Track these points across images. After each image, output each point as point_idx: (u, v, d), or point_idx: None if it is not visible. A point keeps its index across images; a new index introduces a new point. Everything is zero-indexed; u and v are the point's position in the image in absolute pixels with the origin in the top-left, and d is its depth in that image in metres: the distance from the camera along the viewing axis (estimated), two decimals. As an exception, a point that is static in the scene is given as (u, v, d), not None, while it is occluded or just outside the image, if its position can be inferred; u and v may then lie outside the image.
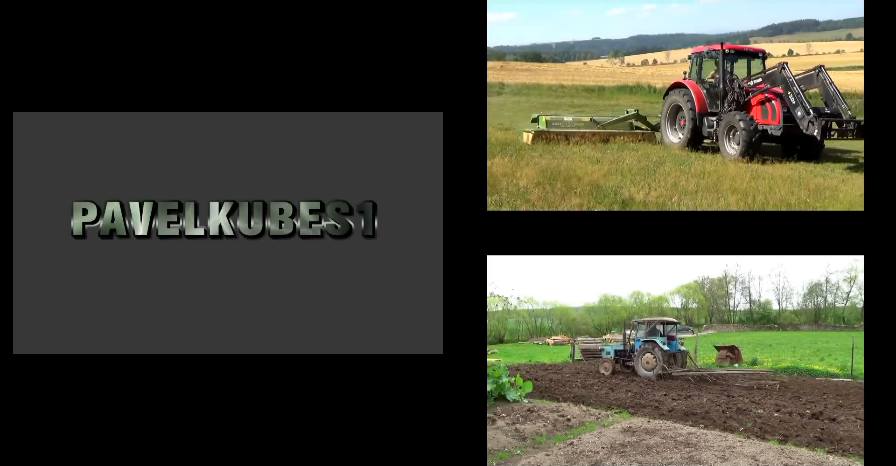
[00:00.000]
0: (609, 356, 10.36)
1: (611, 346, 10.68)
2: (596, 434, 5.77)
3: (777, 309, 19.31)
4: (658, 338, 9.93)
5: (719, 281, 19.46)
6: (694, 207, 6.13)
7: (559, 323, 17.09)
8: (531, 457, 4.95)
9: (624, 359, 10.21)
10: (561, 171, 7.53)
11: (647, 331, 10.16)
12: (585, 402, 7.51)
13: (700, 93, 10.01)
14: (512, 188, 6.59)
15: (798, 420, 6.35)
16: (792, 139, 9.01)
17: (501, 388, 7.26)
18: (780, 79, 9.14)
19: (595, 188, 6.80)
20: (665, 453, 5.01)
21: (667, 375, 9.49)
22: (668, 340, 9.96)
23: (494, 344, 12.55)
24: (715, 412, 6.76)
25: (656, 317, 10.75)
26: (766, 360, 11.83)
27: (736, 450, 5.09)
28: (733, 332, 17.93)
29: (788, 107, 8.90)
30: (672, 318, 10.79)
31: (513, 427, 5.90)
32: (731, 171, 8.02)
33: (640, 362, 9.79)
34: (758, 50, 10.36)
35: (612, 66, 25.85)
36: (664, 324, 10.27)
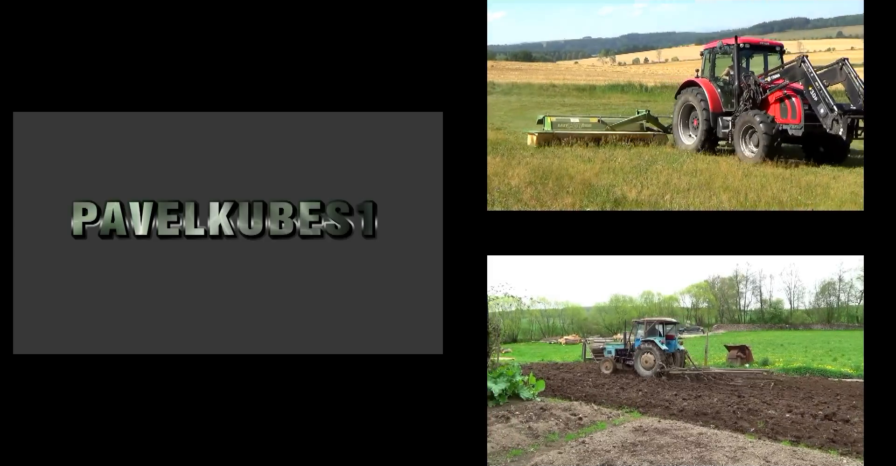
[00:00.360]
0: (610, 355, 10.48)
1: (612, 346, 10.79)
2: (607, 433, 5.76)
3: (788, 309, 19.06)
4: (657, 338, 10.04)
5: (730, 281, 19.24)
6: (686, 206, 5.95)
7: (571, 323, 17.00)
8: (544, 455, 4.96)
9: (624, 359, 10.31)
10: (553, 171, 7.35)
11: (646, 331, 10.27)
12: (597, 401, 7.51)
13: (714, 92, 9.43)
14: (504, 187, 6.49)
15: (811, 421, 6.25)
16: (815, 139, 8.34)
17: (515, 387, 7.29)
18: (799, 74, 8.52)
19: (587, 187, 6.62)
20: (676, 453, 4.97)
21: (664, 373, 9.60)
22: (666, 340, 10.08)
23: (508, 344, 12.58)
24: (726, 412, 6.70)
25: (655, 318, 10.85)
26: (777, 360, 11.70)
27: (747, 451, 5.03)
28: (744, 332, 17.74)
29: (810, 105, 8.28)
30: (671, 318, 10.89)
31: (526, 426, 5.92)
32: (723, 169, 7.77)
33: (640, 361, 9.92)
34: (775, 43, 9.64)
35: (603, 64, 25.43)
36: (663, 325, 10.38)
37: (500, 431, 5.68)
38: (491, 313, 7.61)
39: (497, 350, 7.84)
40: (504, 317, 8.90)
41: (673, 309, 17.67)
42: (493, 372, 7.31)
